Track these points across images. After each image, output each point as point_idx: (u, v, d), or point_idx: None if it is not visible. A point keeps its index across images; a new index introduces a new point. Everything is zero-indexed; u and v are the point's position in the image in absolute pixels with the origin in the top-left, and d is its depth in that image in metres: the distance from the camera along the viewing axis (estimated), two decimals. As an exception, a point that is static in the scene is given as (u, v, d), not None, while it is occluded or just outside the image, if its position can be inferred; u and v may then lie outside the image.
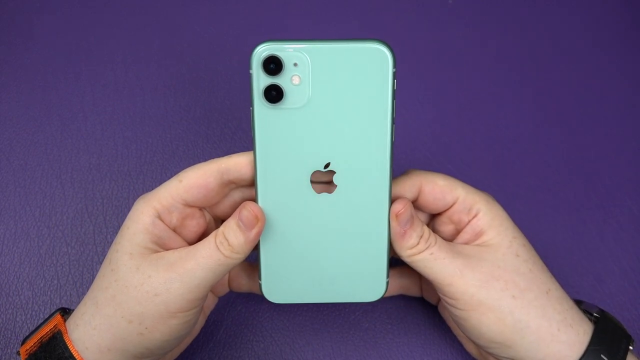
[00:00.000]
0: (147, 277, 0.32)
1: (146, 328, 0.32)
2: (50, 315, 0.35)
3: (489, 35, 0.54)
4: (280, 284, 0.35)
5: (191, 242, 0.36)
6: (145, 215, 0.33)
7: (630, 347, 0.33)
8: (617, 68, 0.53)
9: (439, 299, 0.40)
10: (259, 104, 0.31)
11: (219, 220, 0.37)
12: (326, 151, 0.32)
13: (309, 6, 0.55)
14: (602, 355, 0.32)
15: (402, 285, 0.40)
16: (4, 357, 0.41)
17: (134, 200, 0.35)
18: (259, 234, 0.33)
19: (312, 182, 0.33)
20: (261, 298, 0.44)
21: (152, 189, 0.35)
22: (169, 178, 0.34)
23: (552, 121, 0.51)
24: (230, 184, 0.34)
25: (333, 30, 0.54)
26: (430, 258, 0.34)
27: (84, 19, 0.53)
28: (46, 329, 0.33)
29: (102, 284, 0.33)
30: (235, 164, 0.33)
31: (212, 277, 0.32)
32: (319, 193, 0.33)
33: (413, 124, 0.50)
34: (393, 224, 0.34)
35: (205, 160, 0.34)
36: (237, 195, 0.36)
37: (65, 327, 0.33)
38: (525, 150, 0.49)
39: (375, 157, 0.33)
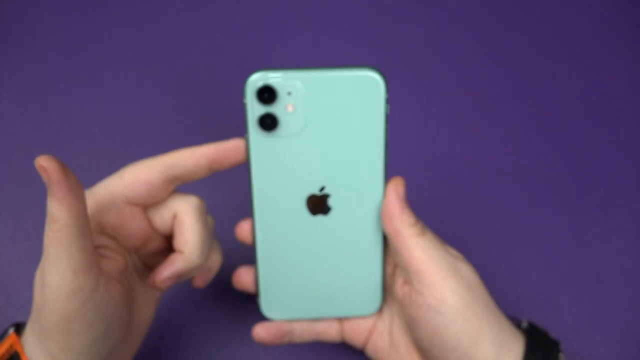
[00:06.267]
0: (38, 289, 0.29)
1: (58, 341, 0.29)
2: (4, 334, 0.32)
3: (489, 36, 0.54)
4: (279, 302, 0.36)
5: (134, 246, 0.33)
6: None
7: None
8: (618, 68, 0.53)
9: (366, 341, 0.37)
10: (254, 132, 0.32)
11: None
12: (321, 175, 0.33)
13: (307, 6, 0.55)
14: None
15: (319, 330, 0.37)
16: (3, 357, 0.41)
17: None
18: (60, 172, 0.27)
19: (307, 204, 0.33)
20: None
21: None
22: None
23: (553, 121, 0.50)
24: (175, 181, 0.33)
25: (331, 30, 0.54)
26: (431, 245, 0.32)
27: (84, 19, 0.53)
28: (1, 350, 0.31)
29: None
30: (181, 158, 0.32)
31: (65, 259, 0.28)
32: (314, 215, 0.34)
33: (413, 124, 0.50)
34: (392, 197, 0.32)
35: None
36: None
37: (21, 346, 0.31)
38: (525, 150, 0.49)
39: (369, 179, 0.33)
